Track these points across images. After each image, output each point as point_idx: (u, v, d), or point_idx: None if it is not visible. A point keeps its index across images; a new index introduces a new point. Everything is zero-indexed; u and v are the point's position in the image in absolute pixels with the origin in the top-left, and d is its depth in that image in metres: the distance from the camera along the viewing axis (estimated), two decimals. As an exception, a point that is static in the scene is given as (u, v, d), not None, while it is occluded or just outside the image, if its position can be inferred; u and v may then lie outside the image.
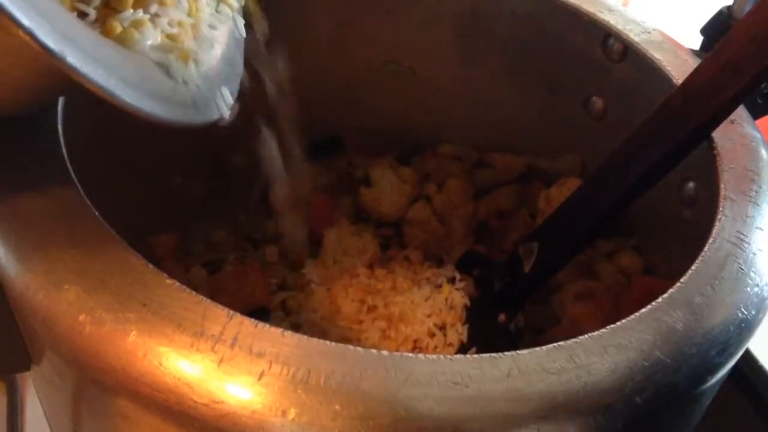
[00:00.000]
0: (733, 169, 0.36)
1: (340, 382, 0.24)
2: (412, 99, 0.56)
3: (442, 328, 0.45)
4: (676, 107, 0.37)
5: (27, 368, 0.34)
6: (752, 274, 0.31)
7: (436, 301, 0.46)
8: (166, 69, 0.30)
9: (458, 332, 0.44)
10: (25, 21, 0.21)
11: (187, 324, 0.26)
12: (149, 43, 0.29)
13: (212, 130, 0.33)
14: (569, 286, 0.47)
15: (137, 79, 0.26)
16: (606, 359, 0.26)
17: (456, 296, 0.46)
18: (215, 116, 0.32)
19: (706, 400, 0.33)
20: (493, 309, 0.45)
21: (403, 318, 0.45)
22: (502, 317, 0.44)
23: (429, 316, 0.45)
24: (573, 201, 0.43)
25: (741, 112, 0.39)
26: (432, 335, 0.44)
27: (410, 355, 0.26)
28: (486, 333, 0.45)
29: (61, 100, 0.34)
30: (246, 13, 0.38)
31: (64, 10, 0.25)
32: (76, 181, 0.31)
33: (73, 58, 0.23)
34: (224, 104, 0.33)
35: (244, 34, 0.38)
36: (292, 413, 0.24)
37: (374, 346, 0.42)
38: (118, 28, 0.29)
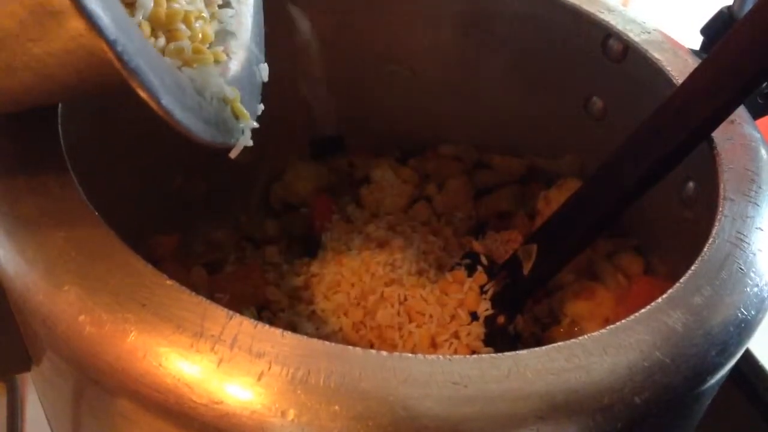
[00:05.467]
0: (732, 169, 0.36)
1: (339, 383, 0.24)
2: (412, 99, 0.56)
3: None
4: (676, 107, 0.37)
5: (27, 369, 0.34)
6: (752, 274, 0.31)
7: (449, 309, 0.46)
8: (195, 84, 0.29)
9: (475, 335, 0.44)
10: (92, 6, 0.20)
11: (186, 324, 0.26)
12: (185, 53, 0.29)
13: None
14: (569, 286, 0.47)
15: (174, 86, 0.26)
16: (605, 359, 0.26)
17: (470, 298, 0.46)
18: (234, 140, 0.31)
19: (706, 400, 0.33)
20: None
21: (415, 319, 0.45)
22: (501, 319, 0.44)
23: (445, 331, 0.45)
24: (572, 202, 0.43)
25: (741, 112, 0.39)
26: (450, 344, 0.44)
27: (409, 355, 0.26)
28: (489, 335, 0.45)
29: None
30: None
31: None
32: (76, 181, 0.31)
33: (129, 57, 0.22)
34: (245, 129, 0.32)
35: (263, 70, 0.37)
36: (291, 414, 0.24)
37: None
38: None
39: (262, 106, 0.35)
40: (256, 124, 0.33)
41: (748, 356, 0.52)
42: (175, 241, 0.49)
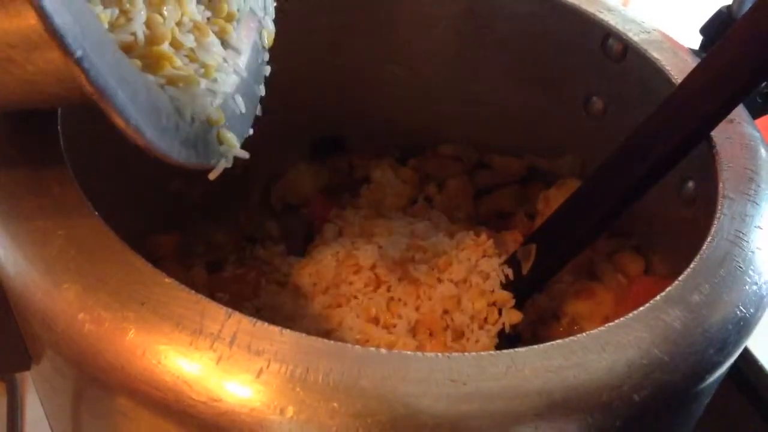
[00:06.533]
0: (732, 168, 0.36)
1: (338, 380, 0.24)
2: (412, 99, 0.56)
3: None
4: (676, 107, 0.37)
5: (27, 368, 0.34)
6: (751, 272, 0.31)
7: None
8: (176, 103, 0.28)
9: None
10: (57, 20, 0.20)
11: (185, 322, 0.26)
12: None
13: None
14: (569, 286, 0.47)
15: (147, 106, 0.26)
16: (604, 357, 0.26)
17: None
18: (214, 162, 0.31)
19: (705, 398, 0.33)
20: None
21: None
22: (501, 318, 0.44)
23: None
24: (572, 202, 0.43)
25: (740, 112, 0.39)
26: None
27: (408, 353, 0.26)
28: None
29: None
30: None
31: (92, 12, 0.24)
32: (75, 181, 0.31)
33: (96, 76, 0.22)
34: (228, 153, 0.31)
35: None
36: (290, 411, 0.24)
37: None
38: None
39: (251, 131, 0.34)
40: (240, 151, 0.32)
41: (748, 355, 0.52)
42: (174, 241, 0.49)
